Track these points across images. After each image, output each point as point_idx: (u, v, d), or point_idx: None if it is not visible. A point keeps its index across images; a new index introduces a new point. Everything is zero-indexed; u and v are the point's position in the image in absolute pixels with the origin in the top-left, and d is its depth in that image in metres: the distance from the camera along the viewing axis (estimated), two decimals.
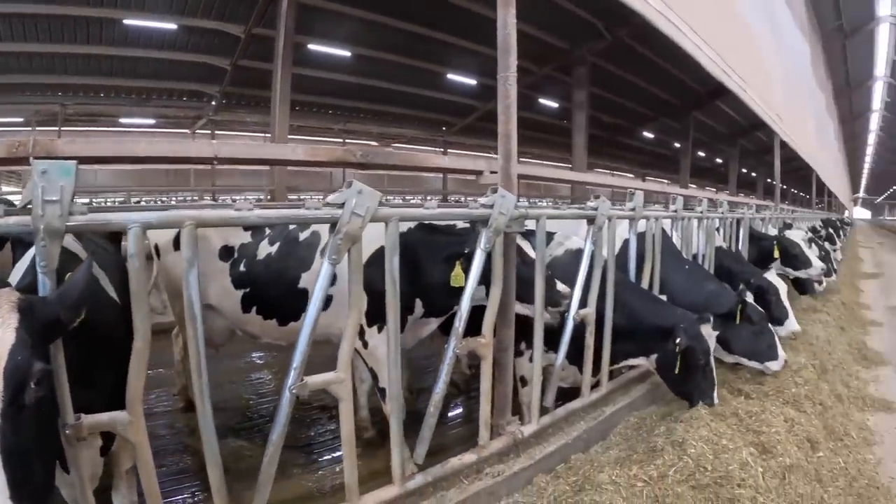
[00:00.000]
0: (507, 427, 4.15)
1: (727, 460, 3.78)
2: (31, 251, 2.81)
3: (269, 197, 15.10)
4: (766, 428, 4.37)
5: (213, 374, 4.90)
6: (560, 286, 4.40)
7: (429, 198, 4.32)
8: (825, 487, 3.98)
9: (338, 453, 4.76)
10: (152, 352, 2.52)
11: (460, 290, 3.79)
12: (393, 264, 3.25)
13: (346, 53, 19.74)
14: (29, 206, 2.23)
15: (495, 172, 4.17)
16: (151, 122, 25.53)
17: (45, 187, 2.20)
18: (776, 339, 5.61)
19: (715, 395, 4.69)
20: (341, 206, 2.89)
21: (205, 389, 2.72)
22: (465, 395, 6.27)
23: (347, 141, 29.19)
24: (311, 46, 18.45)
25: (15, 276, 2.83)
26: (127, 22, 16.94)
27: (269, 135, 15.46)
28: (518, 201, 3.86)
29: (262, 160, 4.77)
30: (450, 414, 5.90)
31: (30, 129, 23.00)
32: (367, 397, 5.18)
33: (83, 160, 2.35)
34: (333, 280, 3.10)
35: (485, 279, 3.79)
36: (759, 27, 14.35)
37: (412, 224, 4.28)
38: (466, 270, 3.81)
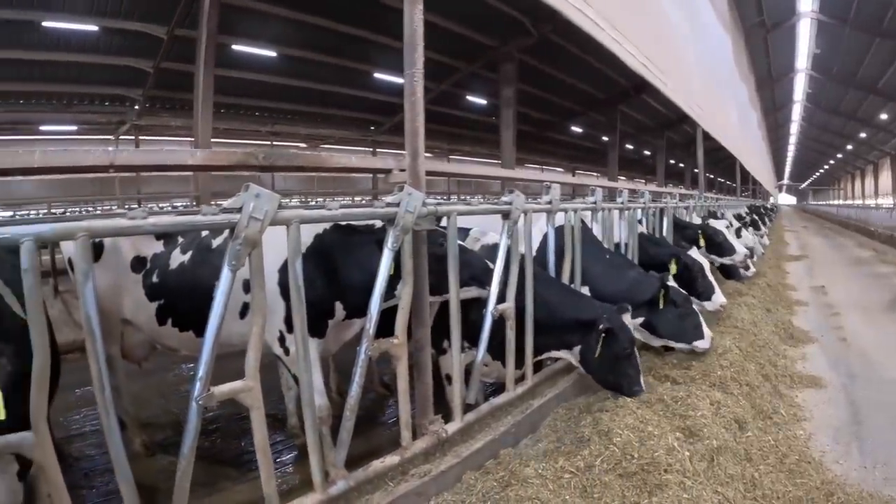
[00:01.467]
0: (430, 426, 4.12)
1: (653, 447, 3.84)
2: None
3: (194, 203, 14.80)
4: (693, 412, 4.45)
5: (141, 390, 4.72)
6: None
7: (334, 199, 4.26)
8: (756, 466, 4.08)
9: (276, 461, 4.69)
10: (81, 369, 2.48)
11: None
12: (296, 268, 3.18)
13: (272, 54, 19.54)
14: None
15: (404, 170, 4.14)
16: (73, 128, 24.64)
17: None
18: (701, 319, 5.77)
19: (642, 381, 4.78)
20: (239, 210, 2.82)
21: (109, 408, 2.60)
22: (394, 399, 6.21)
23: (275, 143, 28.87)
24: (236, 47, 18.17)
25: None
26: (46, 24, 16.43)
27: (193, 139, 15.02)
28: (432, 199, 3.84)
29: (158, 166, 4.63)
30: (382, 418, 5.88)
31: None
32: (295, 403, 5.09)
33: None
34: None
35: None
36: (679, 22, 14.70)
37: (328, 226, 4.21)
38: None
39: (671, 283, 5.89)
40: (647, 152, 47.13)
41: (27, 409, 2.34)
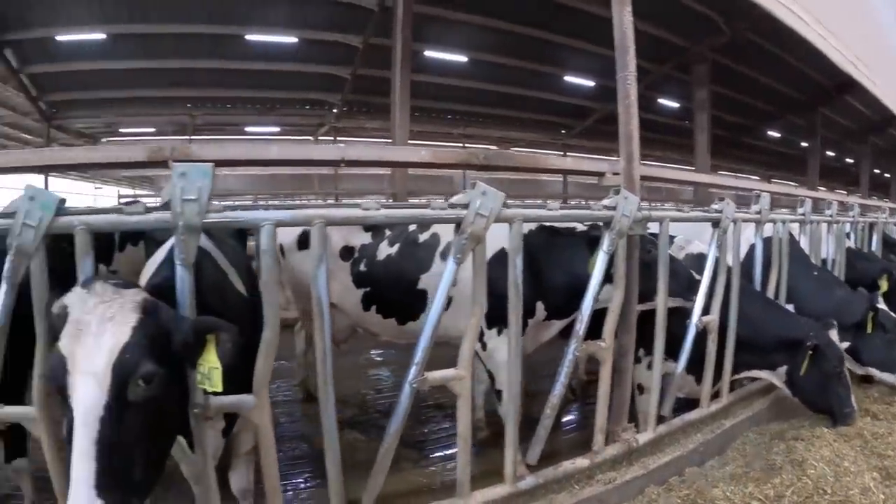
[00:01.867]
0: (622, 434, 4.09)
1: (848, 484, 3.62)
2: (164, 248, 3.03)
3: (390, 200, 15.42)
4: (892, 452, 4.14)
5: (333, 370, 5.06)
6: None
7: (549, 201, 4.30)
8: None
9: (449, 451, 4.82)
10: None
11: (583, 292, 3.75)
12: (516, 265, 3.28)
13: (463, 59, 19.84)
14: (168, 204, 2.43)
15: (617, 174, 4.11)
16: (276, 130, 26.30)
17: (184, 187, 2.40)
18: None
19: (853, 402, 4.47)
20: (466, 206, 2.95)
21: (329, 381, 2.85)
22: (581, 401, 6.21)
23: (467, 145, 29.21)
24: (428, 53, 18.69)
25: (148, 271, 3.00)
26: (248, 37, 17.83)
27: (389, 140, 15.77)
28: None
29: (387, 162, 4.87)
30: (563, 419, 5.84)
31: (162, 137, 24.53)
32: (484, 398, 5.19)
33: (217, 164, 2.50)
34: (454, 282, 3.15)
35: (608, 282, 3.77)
36: (890, 16, 13.47)
37: (533, 226, 4.26)
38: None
39: (881, 304, 5.43)
40: (848, 160, 43.39)
41: (241, 378, 2.57)
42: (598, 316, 3.85)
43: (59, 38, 17.46)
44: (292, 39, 18.08)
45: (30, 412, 2.66)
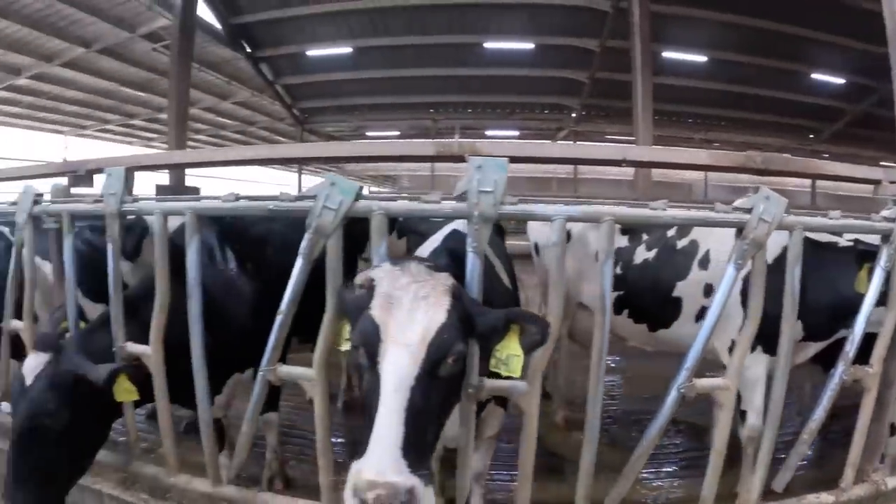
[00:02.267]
0: (872, 474, 3.73)
1: None
2: (433, 239, 3.40)
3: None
4: None
5: (570, 371, 5.11)
6: None
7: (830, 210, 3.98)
8: None
9: (672, 468, 4.68)
10: None
11: (847, 312, 3.50)
12: (794, 275, 3.16)
13: (702, 59, 19.07)
14: (463, 196, 2.73)
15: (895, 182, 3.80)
16: (515, 133, 26.91)
17: (481, 180, 2.67)
18: None
19: None
20: (749, 211, 2.91)
21: (601, 376, 2.96)
22: (820, 436, 5.64)
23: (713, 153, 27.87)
24: (666, 54, 18.16)
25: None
26: (487, 45, 18.56)
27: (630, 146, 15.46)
28: None
29: (669, 164, 4.86)
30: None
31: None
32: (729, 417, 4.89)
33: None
34: (711, 292, 3.18)
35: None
36: None
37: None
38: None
39: None
40: None
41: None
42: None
43: (308, 52, 19.82)
44: (529, 45, 18.55)
45: (310, 374, 3.09)
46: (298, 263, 3.05)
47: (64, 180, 4.35)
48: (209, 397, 3.48)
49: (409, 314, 2.18)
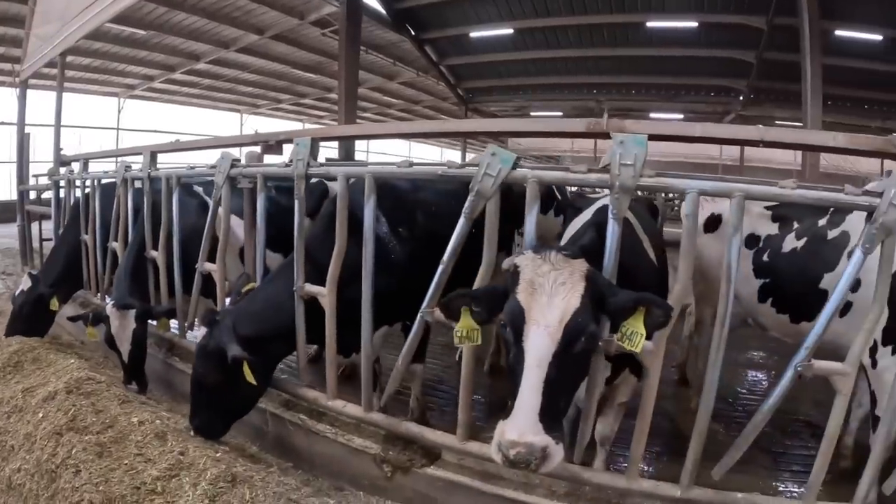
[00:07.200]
0: None
1: None
2: (584, 214, 3.77)
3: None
4: None
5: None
6: None
7: None
8: None
9: (797, 468, 4.45)
10: None
11: None
12: None
13: (877, 37, 16.66)
14: (606, 167, 2.99)
15: None
16: (679, 116, 25.83)
17: (622, 154, 2.92)
18: None
19: None
20: (880, 195, 2.77)
21: (718, 361, 3.05)
22: None
23: None
24: (839, 32, 16.26)
25: (569, 234, 3.73)
26: (650, 24, 18.16)
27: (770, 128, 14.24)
28: None
29: (800, 145, 4.74)
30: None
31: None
32: (859, 424, 4.39)
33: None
34: (856, 286, 3.04)
35: None
36: None
37: None
38: None
39: None
40: None
41: None
42: None
43: (471, 34, 20.34)
44: (692, 24, 17.92)
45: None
46: (461, 222, 3.45)
47: (257, 149, 5.03)
48: (372, 332, 3.99)
49: (549, 299, 2.52)
